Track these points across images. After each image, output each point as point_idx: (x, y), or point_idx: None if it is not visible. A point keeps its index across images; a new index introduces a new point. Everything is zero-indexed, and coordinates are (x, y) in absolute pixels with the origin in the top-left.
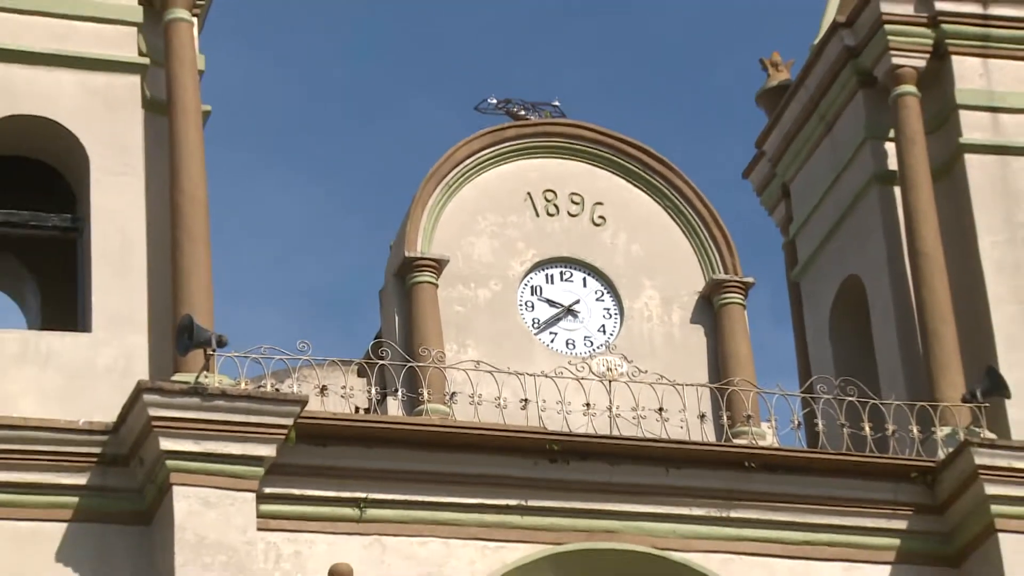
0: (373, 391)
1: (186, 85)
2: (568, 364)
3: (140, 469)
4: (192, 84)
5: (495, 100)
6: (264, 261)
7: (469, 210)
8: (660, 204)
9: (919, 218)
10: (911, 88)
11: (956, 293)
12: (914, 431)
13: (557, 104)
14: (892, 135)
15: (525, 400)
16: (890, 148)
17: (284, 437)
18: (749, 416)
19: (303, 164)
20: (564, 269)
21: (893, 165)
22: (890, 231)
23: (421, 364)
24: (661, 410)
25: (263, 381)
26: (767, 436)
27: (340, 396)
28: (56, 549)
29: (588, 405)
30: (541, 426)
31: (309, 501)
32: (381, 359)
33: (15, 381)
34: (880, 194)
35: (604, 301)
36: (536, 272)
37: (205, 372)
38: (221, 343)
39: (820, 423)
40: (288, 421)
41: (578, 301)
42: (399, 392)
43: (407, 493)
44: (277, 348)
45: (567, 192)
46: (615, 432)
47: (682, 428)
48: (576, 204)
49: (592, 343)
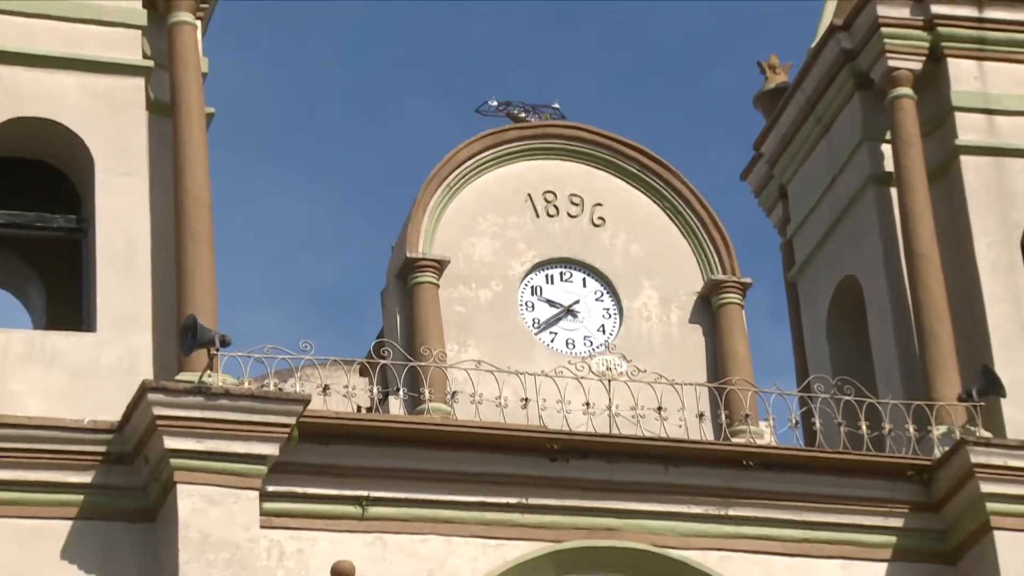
0: (375, 390)
1: (190, 87)
2: (568, 364)
3: (144, 467)
4: (196, 86)
5: (495, 102)
6: (267, 261)
7: (470, 211)
8: (659, 205)
9: (915, 219)
10: (907, 90)
11: (952, 293)
12: (910, 430)
13: (557, 106)
14: (888, 137)
15: (525, 399)
16: (886, 150)
17: (287, 436)
18: (747, 415)
19: (305, 165)
20: (564, 269)
21: (889, 167)
22: (886, 232)
23: (422, 364)
24: (660, 409)
25: (266, 380)
26: (765, 435)
27: (342, 395)
28: (61, 546)
29: (588, 404)
30: (541, 425)
31: (312, 499)
32: (383, 359)
33: (21, 380)
34: (876, 195)
35: (603, 301)
36: (536, 272)
37: (209, 371)
38: (225, 343)
39: (817, 422)
40: (291, 420)
41: (578, 301)
42: (401, 391)
43: (409, 491)
44: (280, 348)
45: (567, 193)
46: (614, 431)
47: (681, 427)
48: (576, 205)
49: (592, 343)
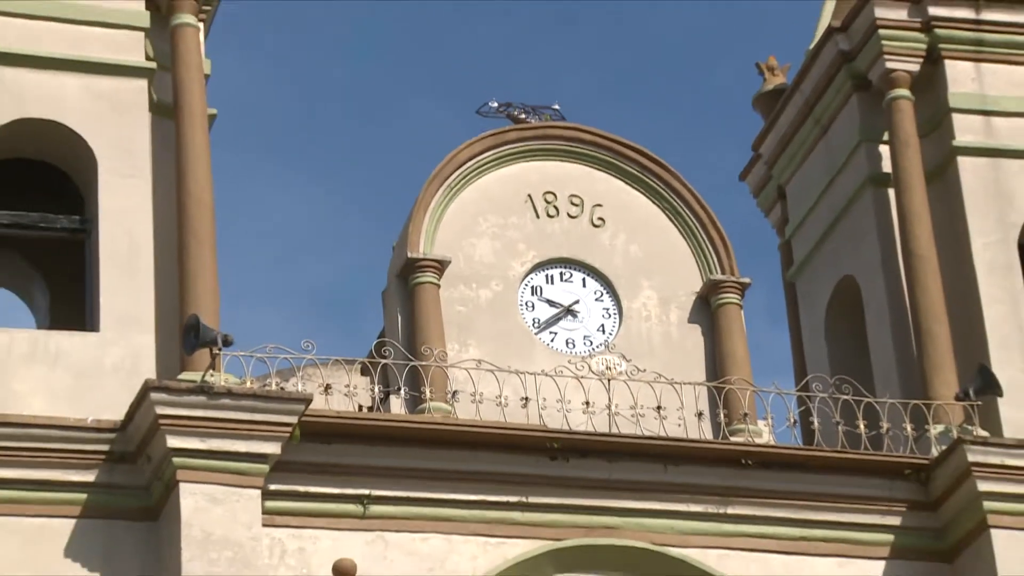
0: (376, 390)
1: (192, 89)
2: (568, 363)
3: (147, 466)
4: (198, 88)
5: (496, 103)
6: (268, 261)
7: (470, 212)
8: (658, 206)
9: (913, 220)
10: (905, 92)
11: (949, 293)
12: (908, 429)
13: (557, 107)
14: (886, 138)
15: (526, 398)
16: (884, 151)
17: (289, 435)
18: (746, 414)
19: (306, 165)
20: (564, 270)
21: (887, 168)
22: (884, 232)
23: (423, 363)
24: (659, 408)
25: (268, 380)
26: (763, 434)
27: (344, 395)
28: (65, 545)
29: (588, 403)
30: (541, 424)
31: (313, 498)
32: (384, 358)
33: (25, 380)
34: (874, 196)
35: (603, 301)
36: (536, 273)
37: (211, 371)
38: (227, 342)
39: (816, 421)
40: (292, 419)
41: (578, 301)
42: (402, 391)
43: (410, 490)
44: (282, 347)
45: (567, 194)
46: (614, 430)
47: (680, 426)
48: (576, 206)
49: (591, 342)
